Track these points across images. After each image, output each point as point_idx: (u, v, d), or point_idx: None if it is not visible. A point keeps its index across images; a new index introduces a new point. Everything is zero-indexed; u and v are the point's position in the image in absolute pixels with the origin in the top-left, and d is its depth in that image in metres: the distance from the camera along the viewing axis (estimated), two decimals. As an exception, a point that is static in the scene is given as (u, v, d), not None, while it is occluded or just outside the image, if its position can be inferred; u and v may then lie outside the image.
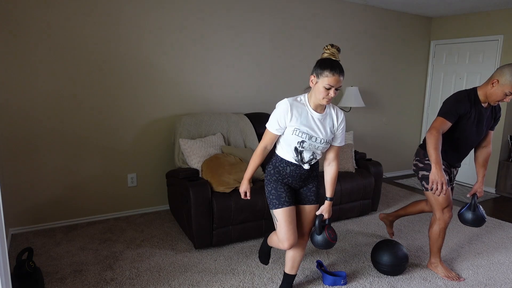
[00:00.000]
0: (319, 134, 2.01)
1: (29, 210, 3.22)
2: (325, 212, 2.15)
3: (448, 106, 2.38)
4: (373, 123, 5.18)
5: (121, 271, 2.61)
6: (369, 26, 4.81)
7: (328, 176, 2.18)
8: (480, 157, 2.60)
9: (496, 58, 4.73)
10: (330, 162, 2.17)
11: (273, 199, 2.09)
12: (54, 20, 3.07)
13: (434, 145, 2.29)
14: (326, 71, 1.87)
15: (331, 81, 1.87)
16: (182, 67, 3.67)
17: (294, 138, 1.99)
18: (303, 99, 2.02)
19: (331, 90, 1.89)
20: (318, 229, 2.13)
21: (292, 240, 2.07)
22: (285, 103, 1.98)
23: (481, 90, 2.39)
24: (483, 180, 2.61)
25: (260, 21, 4.01)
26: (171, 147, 3.75)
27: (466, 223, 2.59)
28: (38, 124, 3.15)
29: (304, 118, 1.98)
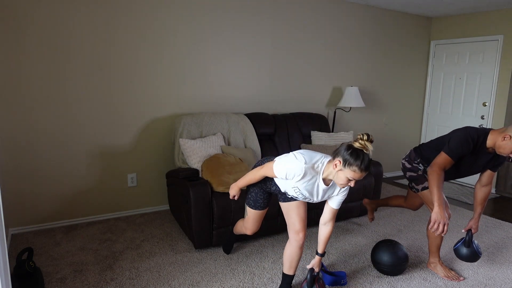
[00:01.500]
0: (314, 199, 2.10)
1: (29, 210, 3.22)
2: (315, 266, 2.27)
3: (456, 144, 2.33)
4: (373, 123, 5.18)
5: (121, 271, 2.61)
6: (369, 26, 4.81)
7: (322, 235, 2.23)
8: (479, 195, 2.60)
9: (496, 58, 4.74)
10: (326, 222, 2.21)
11: (250, 199, 2.33)
12: (54, 21, 3.07)
13: (437, 183, 2.27)
14: (356, 166, 1.81)
15: (356, 176, 1.84)
16: (182, 67, 3.67)
17: (291, 191, 2.08)
18: (320, 167, 1.96)
19: (352, 182, 1.89)
20: (309, 282, 2.24)
21: (254, 230, 2.45)
22: (301, 169, 1.92)
23: (492, 137, 2.33)
24: (479, 217, 2.62)
25: (260, 21, 4.01)
26: (171, 147, 3.75)
27: (460, 258, 2.63)
28: (38, 124, 3.15)
29: (310, 185, 2.00)
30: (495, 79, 4.76)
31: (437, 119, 5.51)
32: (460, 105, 5.20)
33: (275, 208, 3.08)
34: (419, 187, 2.57)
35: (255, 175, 2.15)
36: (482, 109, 4.95)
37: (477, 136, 2.34)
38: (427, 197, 2.56)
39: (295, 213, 2.21)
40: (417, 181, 2.58)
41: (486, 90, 4.88)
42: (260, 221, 2.42)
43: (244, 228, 2.49)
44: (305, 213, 2.24)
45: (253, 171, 2.16)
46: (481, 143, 2.35)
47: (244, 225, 2.49)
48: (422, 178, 2.56)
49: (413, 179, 2.60)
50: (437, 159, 2.35)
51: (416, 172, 2.59)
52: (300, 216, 2.21)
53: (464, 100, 5.15)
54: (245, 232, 2.52)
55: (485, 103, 4.91)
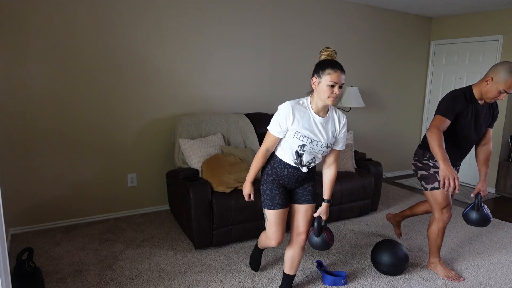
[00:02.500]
0: (320, 138, 2.01)
1: (29, 210, 3.22)
2: (323, 214, 2.17)
3: (445, 104, 2.38)
4: (373, 123, 5.18)
5: (121, 271, 2.61)
6: (369, 26, 4.81)
7: (327, 178, 2.18)
8: (481, 155, 2.59)
9: (496, 58, 4.73)
10: (330, 165, 2.17)
11: (266, 199, 2.14)
12: (53, 20, 3.07)
13: (437, 142, 2.25)
14: (328, 69, 1.89)
15: (334, 78, 1.87)
16: (183, 67, 3.67)
17: (296, 142, 1.99)
18: (306, 102, 2.01)
19: (335, 88, 1.89)
20: (317, 231, 2.15)
21: (279, 239, 2.19)
22: (287, 106, 1.96)
23: (476, 88, 2.40)
24: (486, 178, 2.56)
25: (260, 21, 4.01)
26: (171, 147, 3.75)
27: (470, 223, 2.54)
28: (38, 124, 3.15)
29: (306, 122, 1.97)
30: (495, 79, 4.75)
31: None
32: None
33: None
34: (428, 186, 2.54)
35: (258, 156, 2.09)
36: (482, 109, 4.95)
37: (463, 92, 2.40)
38: (435, 198, 2.51)
39: (302, 216, 2.19)
40: (427, 180, 2.54)
41: (486, 90, 4.87)
42: (283, 224, 2.18)
43: (268, 239, 2.22)
44: (311, 217, 2.21)
45: (255, 156, 2.12)
46: (470, 97, 2.39)
47: (267, 236, 2.23)
48: (433, 177, 2.52)
49: (424, 177, 2.56)
50: (433, 122, 2.36)
51: (427, 171, 2.55)
52: (306, 219, 2.19)
53: (464, 100, 5.15)
54: (269, 244, 2.23)
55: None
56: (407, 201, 4.30)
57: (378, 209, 4.00)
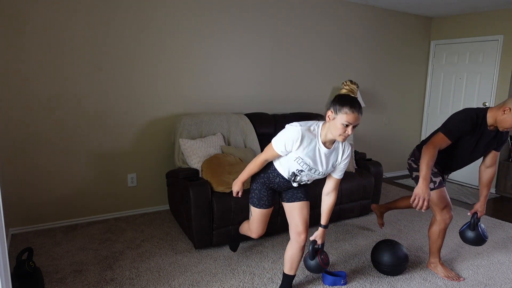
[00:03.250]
0: (319, 168, 2.03)
1: (29, 210, 3.22)
2: (318, 238, 2.21)
3: (453, 124, 2.32)
4: (373, 123, 5.18)
5: (121, 271, 2.61)
6: (369, 26, 4.81)
7: (325, 205, 2.20)
8: (484, 177, 2.56)
9: (496, 58, 4.74)
10: (329, 192, 2.19)
11: (254, 198, 2.26)
12: (53, 20, 3.07)
13: (427, 161, 2.25)
14: (346, 107, 1.81)
15: (350, 119, 1.81)
16: (182, 67, 3.67)
17: (295, 165, 2.02)
18: (316, 130, 1.96)
19: (349, 128, 1.84)
20: (311, 254, 2.19)
21: (260, 233, 2.38)
22: (298, 131, 1.92)
23: (491, 113, 2.31)
24: (486, 200, 2.57)
25: (260, 21, 4.01)
26: (171, 147, 3.75)
27: (466, 242, 2.61)
28: (38, 124, 3.15)
29: (311, 151, 1.96)
30: (495, 79, 4.76)
31: (437, 119, 5.51)
32: (460, 105, 5.20)
33: (275, 208, 3.08)
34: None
35: (256, 162, 2.12)
36: (482, 109, 4.94)
37: (476, 115, 2.31)
38: (432, 199, 2.52)
39: (298, 214, 2.20)
40: None
41: (486, 90, 4.88)
42: (265, 222, 2.34)
43: (250, 231, 2.42)
44: (308, 214, 2.22)
45: (253, 160, 2.14)
46: (481, 121, 2.32)
47: (249, 228, 2.42)
48: None
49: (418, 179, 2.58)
50: (433, 138, 2.33)
51: None
52: (303, 217, 2.20)
53: (464, 100, 5.15)
54: (250, 235, 2.45)
55: (485, 103, 4.90)
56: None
57: (378, 209, 3.99)
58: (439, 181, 2.52)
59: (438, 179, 2.52)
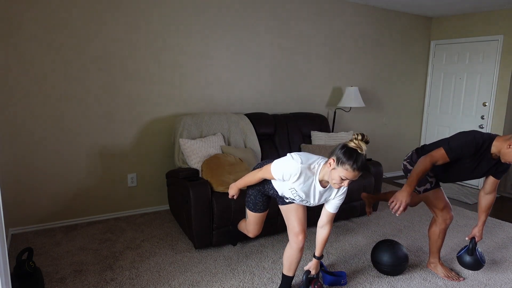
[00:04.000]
0: (311, 201, 2.09)
1: (29, 210, 3.22)
2: (312, 268, 2.27)
3: (457, 144, 2.30)
4: (373, 123, 5.18)
5: (121, 271, 2.61)
6: (369, 26, 4.81)
7: (320, 237, 2.23)
8: (483, 202, 2.56)
9: (496, 58, 4.73)
10: (323, 225, 2.21)
11: (249, 202, 2.34)
12: (53, 20, 3.07)
13: (419, 172, 2.26)
14: (348, 164, 1.79)
15: (349, 176, 1.81)
16: (183, 67, 3.67)
17: (288, 193, 2.08)
18: (316, 168, 1.96)
19: (345, 182, 1.85)
20: (304, 283, 2.24)
21: (256, 233, 2.48)
22: (297, 169, 1.93)
23: (497, 143, 2.28)
24: (483, 225, 2.59)
25: (260, 21, 4.01)
26: (171, 147, 3.75)
27: (463, 266, 2.62)
28: (38, 124, 3.15)
29: (306, 187, 2.00)
30: (495, 79, 4.76)
31: (437, 119, 5.51)
32: (460, 105, 5.20)
33: (275, 209, 3.08)
34: (420, 189, 2.55)
35: (254, 177, 2.17)
36: (482, 109, 4.95)
37: (482, 142, 2.28)
38: (429, 200, 2.54)
39: (294, 215, 2.21)
40: (419, 183, 2.56)
41: (486, 90, 4.88)
42: (261, 223, 2.43)
43: (246, 230, 2.52)
44: (304, 215, 2.23)
45: (251, 173, 2.18)
46: (485, 149, 2.29)
47: (246, 228, 2.51)
48: (423, 180, 2.53)
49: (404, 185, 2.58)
50: (433, 152, 2.32)
51: None
52: (299, 218, 2.21)
53: (464, 100, 5.15)
54: (247, 234, 2.54)
55: (485, 103, 4.91)
56: (407, 201, 4.29)
57: (378, 209, 4.00)
58: (435, 181, 2.52)
59: (433, 179, 2.53)
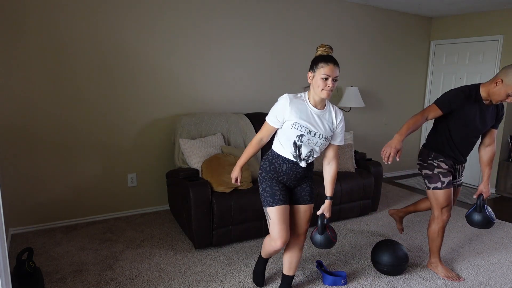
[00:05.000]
0: (318, 129, 2.02)
1: (29, 210, 3.22)
2: (326, 211, 2.16)
3: (446, 97, 2.41)
4: (373, 123, 5.18)
5: (121, 271, 2.61)
6: (369, 26, 4.81)
7: (328, 175, 2.18)
8: (484, 156, 2.58)
9: (496, 58, 4.74)
10: (330, 161, 2.17)
11: (267, 197, 2.08)
12: (55, 20, 3.07)
13: (409, 122, 2.33)
14: (321, 62, 1.95)
15: (327, 71, 1.93)
16: (183, 67, 3.67)
17: (293, 132, 2.00)
18: (303, 96, 2.06)
19: (328, 81, 1.94)
20: (320, 228, 2.12)
21: (285, 238, 2.08)
22: (285, 98, 2.02)
23: (484, 88, 2.37)
24: (489, 180, 2.57)
25: (260, 21, 4.01)
26: (171, 147, 3.75)
27: (473, 225, 2.56)
28: (38, 124, 3.15)
29: (303, 113, 2.01)
30: (495, 79, 4.76)
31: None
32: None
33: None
34: (431, 185, 2.54)
35: (252, 143, 2.14)
36: (482, 109, 4.94)
37: (469, 90, 2.38)
38: (436, 197, 2.52)
39: (301, 216, 2.19)
40: (430, 179, 2.55)
41: (486, 90, 4.87)
42: (287, 222, 2.09)
43: (273, 241, 2.10)
44: (310, 217, 2.22)
45: (249, 143, 2.17)
46: (476, 95, 2.37)
47: (271, 238, 2.12)
48: (436, 178, 2.52)
49: (427, 176, 2.56)
50: (426, 108, 2.39)
51: (431, 171, 2.55)
52: (305, 220, 2.20)
53: (464, 100, 5.14)
54: (275, 246, 2.11)
55: (485, 103, 4.90)
56: (407, 201, 4.30)
57: (378, 209, 4.00)
58: (448, 181, 2.51)
59: (447, 179, 2.51)
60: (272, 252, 2.22)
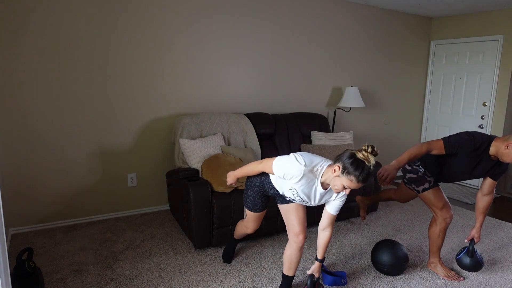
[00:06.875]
0: (311, 202, 2.10)
1: (29, 210, 3.22)
2: (315, 272, 2.27)
3: (456, 139, 2.33)
4: (373, 123, 5.18)
5: (121, 271, 2.61)
6: (369, 26, 4.81)
7: (321, 240, 2.23)
8: (481, 204, 2.59)
9: (496, 58, 4.73)
10: (325, 227, 2.20)
11: (248, 202, 2.35)
12: (54, 20, 3.07)
13: (411, 153, 2.30)
14: (354, 176, 1.80)
15: (352, 186, 1.83)
16: (183, 67, 3.67)
17: (288, 193, 2.09)
18: (319, 171, 1.96)
19: (347, 190, 1.87)
20: (310, 287, 2.26)
21: (255, 228, 2.48)
22: (300, 171, 1.92)
23: (495, 144, 2.31)
24: (481, 226, 2.62)
25: (260, 21, 4.01)
26: (171, 147, 3.75)
27: (463, 268, 2.63)
28: (38, 124, 3.15)
29: (307, 188, 2.00)
30: (495, 79, 4.76)
31: (437, 119, 5.51)
32: (460, 105, 5.20)
33: (275, 208, 3.08)
34: (419, 188, 2.57)
35: (254, 168, 2.16)
36: (482, 109, 4.95)
37: (481, 142, 2.32)
38: (428, 199, 2.54)
39: (294, 215, 2.21)
40: (417, 182, 2.57)
41: (486, 90, 4.88)
42: (260, 220, 2.45)
43: (245, 227, 2.51)
44: (304, 215, 2.23)
45: (252, 164, 2.17)
46: (484, 149, 2.33)
47: (244, 224, 2.51)
48: (422, 179, 2.55)
49: (413, 180, 2.60)
50: (432, 141, 2.37)
51: (416, 174, 2.58)
52: (299, 218, 2.21)
53: (464, 100, 5.15)
54: (246, 231, 2.54)
55: (485, 103, 4.91)
56: (407, 201, 4.30)
57: (378, 209, 4.00)
58: (434, 181, 2.54)
59: (432, 178, 2.55)
60: (242, 235, 2.64)
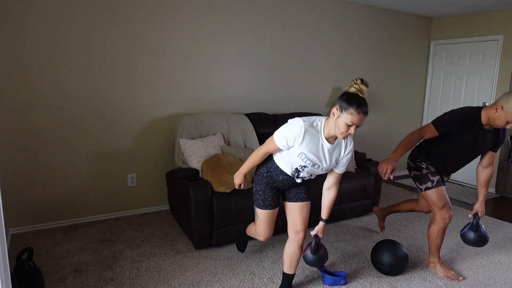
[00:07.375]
0: (323, 164, 2.00)
1: (29, 210, 3.22)
2: (320, 232, 2.22)
3: (445, 118, 2.38)
4: (373, 123, 5.18)
5: (121, 271, 2.61)
6: (369, 26, 4.81)
7: (326, 199, 2.20)
8: (482, 177, 2.58)
9: (496, 58, 4.74)
10: (330, 187, 2.17)
11: (258, 199, 2.21)
12: (54, 21, 3.07)
13: (405, 142, 2.34)
14: (352, 108, 1.77)
15: (355, 119, 1.79)
16: (183, 67, 3.67)
17: (298, 161, 1.99)
18: (319, 125, 1.94)
19: (352, 128, 1.82)
20: (314, 249, 2.21)
21: (267, 235, 2.31)
22: (300, 127, 1.89)
23: (485, 112, 2.34)
24: (484, 200, 2.59)
25: (260, 21, 4.01)
26: (171, 147, 3.75)
27: (468, 243, 2.60)
28: (38, 124, 3.15)
29: (314, 146, 1.94)
30: (495, 79, 4.76)
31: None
32: (460, 105, 5.20)
33: (275, 208, 3.08)
34: (422, 186, 2.56)
35: (257, 154, 2.09)
36: (482, 109, 4.94)
37: (470, 112, 2.36)
38: (430, 198, 2.54)
39: (298, 214, 2.20)
40: (421, 180, 2.57)
41: (486, 90, 4.88)
42: (272, 223, 2.28)
43: (257, 234, 2.35)
44: (307, 215, 2.22)
45: (254, 152, 2.12)
46: (475, 119, 2.35)
47: (256, 231, 2.35)
48: (425, 177, 2.54)
49: (417, 178, 2.59)
50: (423, 127, 2.38)
51: (420, 171, 2.58)
52: (302, 217, 2.20)
53: (464, 100, 5.15)
54: (257, 237, 2.38)
55: (485, 103, 4.90)
56: (407, 201, 4.30)
57: (378, 209, 3.99)
58: (437, 180, 2.54)
59: (436, 178, 2.54)
60: (253, 237, 2.51)
